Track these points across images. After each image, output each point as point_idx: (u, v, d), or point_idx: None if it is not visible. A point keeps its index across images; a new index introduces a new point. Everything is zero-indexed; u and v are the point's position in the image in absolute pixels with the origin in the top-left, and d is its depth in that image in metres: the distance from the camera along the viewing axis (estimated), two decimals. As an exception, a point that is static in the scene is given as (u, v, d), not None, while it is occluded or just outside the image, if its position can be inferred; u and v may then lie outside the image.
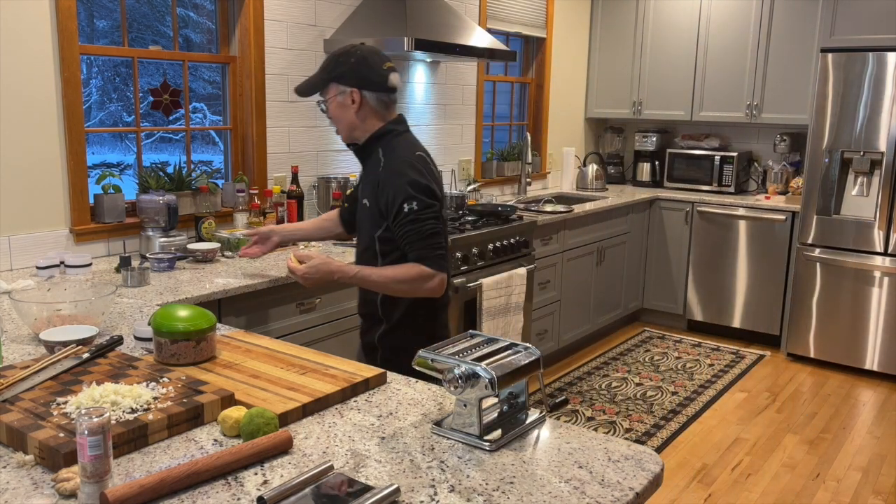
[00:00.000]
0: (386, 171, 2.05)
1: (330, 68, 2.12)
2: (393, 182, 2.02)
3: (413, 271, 2.01)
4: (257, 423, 1.34)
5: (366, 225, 2.15)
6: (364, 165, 2.19)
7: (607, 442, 1.40)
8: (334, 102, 2.12)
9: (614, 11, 5.73)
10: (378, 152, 2.11)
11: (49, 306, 1.89)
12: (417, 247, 2.01)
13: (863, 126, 4.48)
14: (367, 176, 2.16)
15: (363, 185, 2.18)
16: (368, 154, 2.15)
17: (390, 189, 2.02)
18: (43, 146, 2.74)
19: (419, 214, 1.99)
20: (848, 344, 4.67)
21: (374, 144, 2.12)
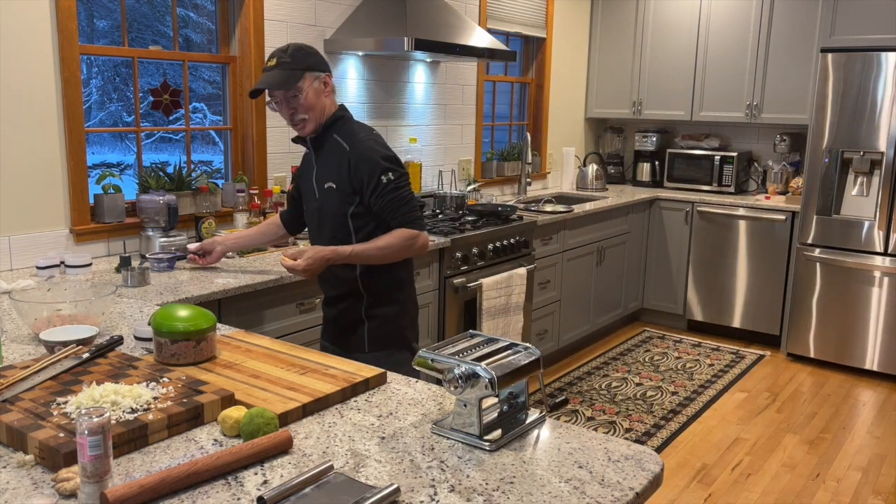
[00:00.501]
0: (356, 151, 2.21)
1: (300, 59, 2.19)
2: (367, 158, 2.20)
3: (404, 235, 2.21)
4: (257, 423, 1.34)
5: (333, 207, 2.26)
6: (318, 153, 2.30)
7: (607, 442, 1.40)
8: (311, 91, 2.20)
9: (614, 11, 5.73)
10: (334, 138, 2.26)
11: (49, 306, 1.89)
12: (401, 213, 2.22)
13: (863, 126, 4.48)
14: (325, 162, 2.27)
15: (322, 171, 2.28)
16: (324, 141, 2.27)
17: (365, 165, 2.19)
18: (43, 146, 2.74)
19: (397, 183, 2.21)
20: (848, 344, 4.67)
21: (329, 131, 2.26)
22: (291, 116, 2.23)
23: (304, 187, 2.40)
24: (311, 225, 2.40)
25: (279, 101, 2.23)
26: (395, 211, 2.21)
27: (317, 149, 2.30)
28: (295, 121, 2.23)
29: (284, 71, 2.18)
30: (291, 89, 2.18)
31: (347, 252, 2.20)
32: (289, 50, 2.21)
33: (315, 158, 2.32)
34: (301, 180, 2.45)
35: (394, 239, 2.21)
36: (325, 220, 2.30)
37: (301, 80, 2.18)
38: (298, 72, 2.18)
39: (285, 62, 2.18)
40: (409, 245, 2.23)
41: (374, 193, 2.19)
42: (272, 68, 2.19)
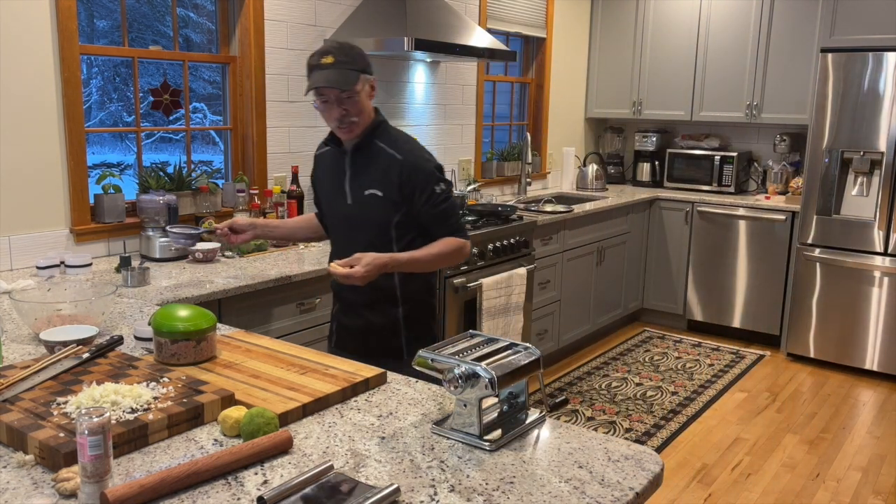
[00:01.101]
0: (410, 161, 2.15)
1: (356, 60, 2.10)
2: (422, 168, 2.16)
3: (453, 244, 2.18)
4: (257, 423, 1.34)
5: (375, 215, 2.18)
6: (356, 158, 2.20)
7: (607, 442, 1.40)
8: (364, 94, 2.12)
9: (614, 11, 5.73)
10: (378, 144, 2.16)
11: (49, 306, 1.89)
12: (450, 223, 2.20)
13: (863, 126, 4.48)
14: (366, 168, 2.17)
15: (361, 177, 2.19)
16: (366, 146, 2.17)
17: (420, 175, 2.15)
18: (43, 146, 2.74)
19: (447, 194, 2.20)
20: (848, 344, 4.67)
21: (371, 136, 2.17)
22: (341, 118, 2.11)
23: (328, 191, 2.29)
24: (339, 231, 2.29)
25: (329, 101, 2.10)
26: (445, 221, 2.19)
27: (355, 153, 2.19)
28: (344, 122, 2.12)
29: (343, 70, 2.07)
30: (349, 90, 2.09)
31: (405, 259, 2.12)
32: (344, 48, 2.11)
33: (350, 163, 2.21)
34: (322, 184, 2.34)
35: (445, 247, 2.17)
36: (363, 227, 2.20)
37: (357, 81, 2.09)
38: (355, 72, 2.09)
39: (343, 61, 2.08)
40: (458, 253, 2.20)
41: (428, 203, 2.15)
42: (329, 66, 2.07)
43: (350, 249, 2.13)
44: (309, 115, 3.69)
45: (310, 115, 3.69)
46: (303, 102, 3.64)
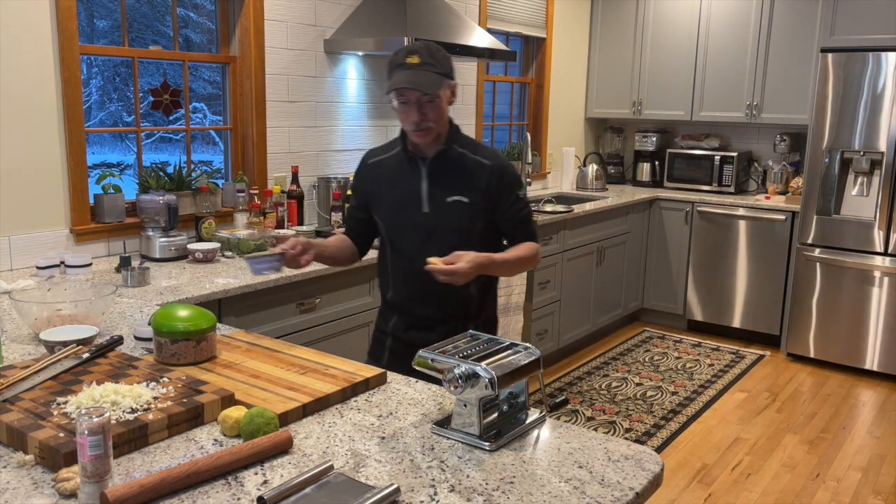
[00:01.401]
0: (498, 166, 2.11)
1: (442, 63, 2.02)
2: (509, 173, 2.13)
3: (534, 249, 2.16)
4: (257, 423, 1.34)
5: (460, 222, 2.10)
6: (434, 165, 2.10)
7: (607, 442, 1.40)
8: (445, 99, 2.03)
9: (614, 11, 5.73)
10: (459, 150, 2.10)
11: (49, 306, 1.89)
12: (529, 227, 2.19)
13: (863, 126, 4.48)
14: (447, 175, 2.09)
15: (442, 184, 2.09)
16: (446, 153, 2.09)
17: (508, 180, 2.12)
18: (43, 146, 2.74)
19: (526, 199, 2.19)
20: (848, 344, 4.67)
21: (451, 143, 2.10)
22: (419, 122, 2.00)
23: (394, 200, 2.14)
24: (410, 241, 2.14)
25: (409, 103, 2.00)
26: (526, 226, 2.17)
27: (435, 159, 2.09)
28: (421, 127, 2.01)
29: (429, 73, 1.98)
30: (432, 94, 1.99)
31: (500, 261, 2.06)
32: (431, 49, 2.02)
33: (426, 170, 2.10)
34: (382, 195, 2.17)
35: (527, 252, 2.13)
36: (442, 235, 2.09)
37: (442, 85, 2.00)
38: (440, 77, 2.00)
39: (430, 63, 1.99)
40: (536, 258, 2.17)
41: (513, 208, 2.12)
42: (414, 67, 1.98)
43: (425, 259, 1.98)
44: (309, 115, 3.69)
45: (310, 115, 3.70)
46: (303, 102, 3.64)
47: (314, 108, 3.71)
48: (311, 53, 3.65)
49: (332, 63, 3.77)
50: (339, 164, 3.89)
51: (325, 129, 3.78)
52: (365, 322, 3.18)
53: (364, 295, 3.17)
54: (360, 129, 3.97)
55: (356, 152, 3.97)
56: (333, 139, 3.83)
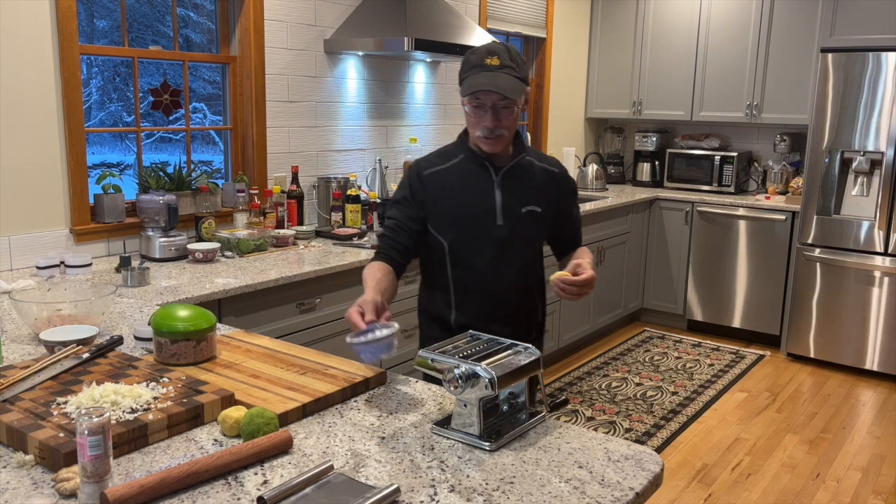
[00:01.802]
0: (562, 172, 2.07)
1: (521, 68, 1.89)
2: (572, 181, 2.12)
3: (590, 253, 2.10)
4: (257, 423, 1.34)
5: (531, 232, 2.02)
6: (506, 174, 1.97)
7: (607, 442, 1.40)
8: (520, 106, 1.91)
9: (614, 11, 5.73)
10: (529, 159, 2.01)
11: (49, 306, 1.89)
12: (581, 232, 2.16)
13: (863, 126, 4.48)
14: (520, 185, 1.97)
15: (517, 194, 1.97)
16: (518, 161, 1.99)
17: (571, 187, 2.11)
18: (43, 146, 2.74)
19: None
20: (848, 344, 4.67)
21: (520, 151, 2.00)
22: (493, 128, 1.86)
23: (465, 214, 1.96)
24: (485, 255, 1.97)
25: (484, 107, 1.86)
26: (579, 230, 2.13)
27: (508, 169, 1.97)
28: (494, 134, 1.87)
29: (511, 77, 1.85)
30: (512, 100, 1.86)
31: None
32: (511, 52, 1.89)
33: (499, 180, 1.96)
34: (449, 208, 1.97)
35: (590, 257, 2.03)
36: (517, 247, 1.98)
37: (523, 91, 1.88)
38: (520, 82, 1.86)
39: (510, 66, 1.86)
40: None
41: (576, 216, 2.11)
42: (494, 69, 1.84)
43: (499, 274, 1.94)
44: (309, 115, 3.69)
45: (310, 115, 3.70)
46: (303, 102, 3.64)
47: (314, 108, 3.71)
48: (311, 53, 3.65)
49: (332, 63, 3.77)
50: (339, 164, 3.89)
51: (325, 129, 3.78)
52: (365, 322, 3.18)
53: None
54: (360, 129, 3.97)
55: (356, 152, 3.97)
56: (333, 139, 3.83)
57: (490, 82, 1.82)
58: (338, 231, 3.48)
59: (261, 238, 3.12)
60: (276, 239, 3.21)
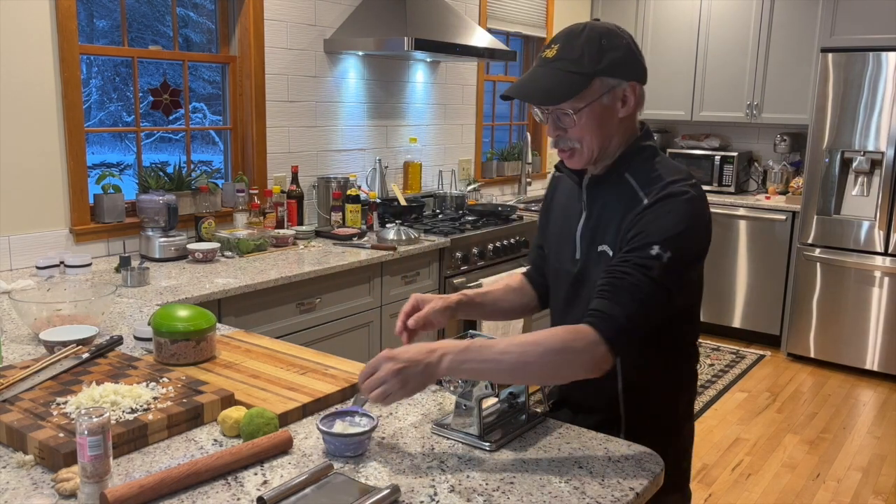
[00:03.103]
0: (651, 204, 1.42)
1: (586, 55, 1.40)
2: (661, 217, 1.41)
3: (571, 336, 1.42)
4: (257, 423, 1.33)
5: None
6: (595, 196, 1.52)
7: (607, 442, 1.40)
8: (599, 108, 1.42)
9: (614, 11, 5.73)
10: (622, 176, 1.48)
11: (49, 306, 1.89)
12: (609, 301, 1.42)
13: (863, 126, 4.48)
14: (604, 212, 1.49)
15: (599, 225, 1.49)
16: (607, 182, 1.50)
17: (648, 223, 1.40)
18: (43, 146, 2.74)
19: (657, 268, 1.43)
20: (848, 344, 4.67)
21: (619, 166, 1.48)
22: (555, 140, 1.48)
23: (555, 237, 1.62)
24: (559, 294, 1.61)
25: (545, 113, 1.47)
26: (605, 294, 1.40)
27: (592, 188, 1.52)
28: (559, 146, 1.48)
29: (558, 72, 1.41)
30: (556, 105, 1.42)
31: (469, 357, 1.42)
32: (573, 36, 1.43)
33: (586, 202, 1.52)
34: (549, 224, 1.66)
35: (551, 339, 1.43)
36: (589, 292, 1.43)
37: (581, 89, 1.40)
38: (577, 76, 1.40)
39: (565, 58, 1.41)
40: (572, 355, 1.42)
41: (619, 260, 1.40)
42: (548, 63, 1.43)
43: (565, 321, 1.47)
44: (309, 115, 3.69)
45: (310, 115, 3.69)
46: (303, 102, 3.64)
47: (314, 107, 3.71)
48: (311, 53, 3.65)
49: (332, 63, 3.77)
50: (339, 164, 3.89)
51: (325, 129, 3.78)
52: (365, 322, 3.18)
53: (364, 295, 3.17)
54: (360, 129, 3.97)
55: (356, 152, 3.97)
56: (333, 139, 3.83)
57: (521, 85, 1.47)
58: (338, 231, 3.48)
59: (261, 238, 3.12)
60: (275, 239, 3.21)
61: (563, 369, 1.32)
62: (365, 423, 1.34)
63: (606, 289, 1.34)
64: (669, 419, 1.56)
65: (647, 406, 1.53)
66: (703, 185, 5.75)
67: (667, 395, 1.55)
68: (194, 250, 2.90)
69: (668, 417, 1.56)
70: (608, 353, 1.30)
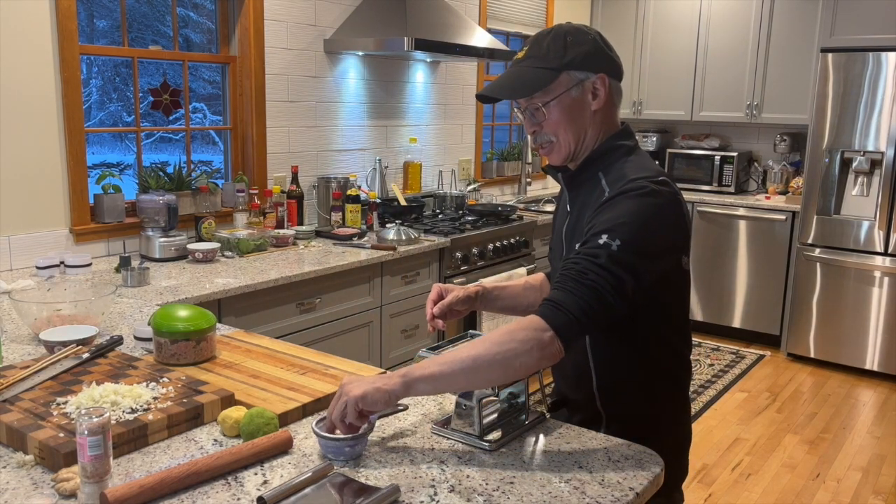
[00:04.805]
0: (612, 195, 1.43)
1: (553, 52, 1.46)
2: (616, 208, 1.41)
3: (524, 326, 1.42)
4: (257, 423, 1.33)
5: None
6: (575, 194, 1.57)
7: (607, 442, 1.40)
8: (568, 102, 1.47)
9: (614, 11, 5.73)
10: (593, 172, 1.51)
11: (49, 306, 1.89)
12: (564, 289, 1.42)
13: (863, 126, 4.48)
14: (582, 210, 1.52)
15: (579, 223, 1.51)
16: (583, 178, 1.54)
17: (605, 215, 1.42)
18: (43, 146, 2.74)
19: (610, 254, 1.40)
20: (848, 344, 4.67)
21: (592, 160, 1.52)
22: (533, 136, 1.54)
23: (554, 238, 1.67)
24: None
25: (521, 110, 1.54)
26: (562, 283, 1.39)
27: (571, 186, 1.57)
28: (537, 142, 1.54)
29: (528, 69, 1.48)
30: (531, 96, 1.49)
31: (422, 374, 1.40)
32: (541, 38, 1.49)
33: (569, 201, 1.58)
34: (554, 225, 1.70)
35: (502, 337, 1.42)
36: None
37: (548, 82, 1.46)
38: (548, 71, 1.46)
39: (533, 56, 1.49)
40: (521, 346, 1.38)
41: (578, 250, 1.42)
42: (518, 63, 1.51)
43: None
44: (309, 115, 3.69)
45: (310, 115, 3.69)
46: (303, 102, 3.64)
47: (314, 108, 3.71)
48: (311, 53, 3.65)
49: (332, 63, 3.77)
50: (339, 164, 3.89)
51: (325, 129, 3.78)
52: (365, 322, 3.18)
53: (364, 295, 3.17)
54: (360, 129, 3.97)
55: (356, 152, 3.97)
56: (333, 139, 3.83)
57: (493, 85, 1.54)
58: (338, 231, 3.48)
59: (261, 238, 3.12)
60: (275, 239, 3.21)
61: (513, 359, 1.29)
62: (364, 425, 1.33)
63: (558, 279, 1.36)
64: (654, 422, 1.55)
65: (625, 407, 1.53)
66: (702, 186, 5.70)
67: (647, 398, 1.54)
68: (194, 250, 2.90)
69: (653, 420, 1.55)
70: (555, 339, 1.29)
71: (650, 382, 1.53)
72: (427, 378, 1.28)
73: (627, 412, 1.54)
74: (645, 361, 1.52)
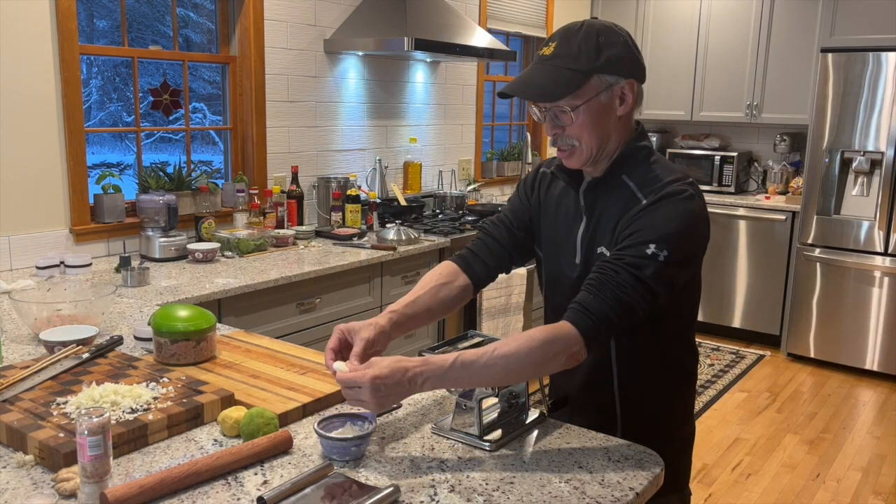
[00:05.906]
0: (649, 204, 1.41)
1: (584, 53, 1.39)
2: (659, 216, 1.40)
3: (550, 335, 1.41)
4: (257, 423, 1.33)
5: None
6: (593, 199, 1.50)
7: (607, 442, 1.40)
8: (597, 106, 1.41)
9: (614, 11, 5.73)
10: (619, 178, 1.46)
11: (49, 306, 1.89)
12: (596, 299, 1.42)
13: (863, 126, 4.48)
14: (603, 214, 1.48)
15: (598, 227, 1.48)
16: (607, 182, 1.48)
17: (645, 221, 1.40)
18: (43, 146, 2.74)
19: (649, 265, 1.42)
20: (848, 344, 4.67)
21: (617, 167, 1.47)
22: (554, 139, 1.46)
23: (551, 239, 1.59)
24: (560, 296, 1.54)
25: (542, 111, 1.46)
26: (592, 292, 1.39)
27: (590, 192, 1.50)
28: (558, 145, 1.46)
29: (556, 69, 1.39)
30: (559, 101, 1.40)
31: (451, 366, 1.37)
32: (571, 34, 1.41)
33: (586, 204, 1.51)
34: (543, 225, 1.62)
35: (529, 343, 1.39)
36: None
37: (578, 86, 1.38)
38: (574, 74, 1.38)
39: (562, 54, 1.39)
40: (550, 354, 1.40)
41: (613, 257, 1.40)
42: (545, 61, 1.42)
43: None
44: (309, 115, 3.69)
45: (310, 115, 3.69)
46: (303, 102, 3.64)
47: (314, 108, 3.71)
48: (311, 53, 3.65)
49: (332, 63, 3.77)
50: (339, 164, 3.89)
51: (325, 129, 3.78)
52: (365, 322, 3.18)
53: (364, 295, 3.17)
54: (360, 129, 3.97)
55: (356, 152, 3.97)
56: (333, 139, 3.83)
57: (517, 83, 1.44)
58: (338, 231, 3.48)
59: (261, 238, 3.12)
60: (275, 239, 3.21)
61: (543, 370, 1.36)
62: (365, 426, 1.34)
63: (593, 283, 1.35)
64: (667, 420, 1.57)
65: (643, 407, 1.53)
66: (702, 186, 5.69)
67: (664, 396, 1.55)
68: (194, 250, 2.90)
69: (666, 418, 1.57)
70: (584, 349, 1.32)
71: (671, 383, 1.55)
72: (466, 364, 1.29)
73: (647, 413, 1.54)
74: (667, 364, 1.53)
